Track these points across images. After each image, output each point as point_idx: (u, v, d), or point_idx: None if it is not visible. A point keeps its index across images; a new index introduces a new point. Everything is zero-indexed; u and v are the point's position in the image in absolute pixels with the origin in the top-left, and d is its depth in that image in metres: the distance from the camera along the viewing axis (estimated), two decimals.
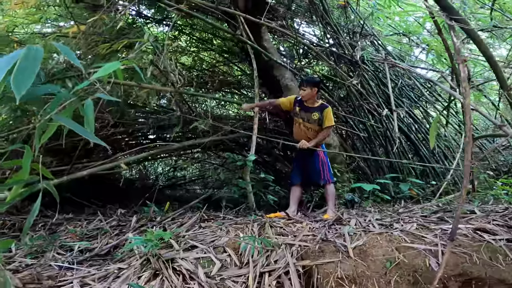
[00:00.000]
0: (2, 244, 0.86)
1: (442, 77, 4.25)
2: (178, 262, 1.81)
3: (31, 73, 0.72)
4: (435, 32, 2.63)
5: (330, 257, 1.79)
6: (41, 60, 0.83)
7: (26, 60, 0.79)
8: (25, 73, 0.72)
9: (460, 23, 0.97)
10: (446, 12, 1.03)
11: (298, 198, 3.13)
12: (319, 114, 3.04)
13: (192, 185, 7.52)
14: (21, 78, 0.71)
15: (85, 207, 3.91)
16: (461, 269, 1.70)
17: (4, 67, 0.75)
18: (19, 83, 0.69)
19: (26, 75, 0.71)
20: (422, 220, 2.34)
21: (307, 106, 3.11)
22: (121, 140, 4.64)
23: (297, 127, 3.15)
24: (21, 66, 0.76)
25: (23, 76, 0.72)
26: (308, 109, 3.10)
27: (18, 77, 0.71)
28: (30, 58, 0.80)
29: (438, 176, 4.56)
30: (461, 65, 1.18)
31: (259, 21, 3.74)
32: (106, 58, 3.53)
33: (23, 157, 0.91)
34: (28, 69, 0.76)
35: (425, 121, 5.13)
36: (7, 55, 0.84)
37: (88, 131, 0.86)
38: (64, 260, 2.02)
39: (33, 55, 0.81)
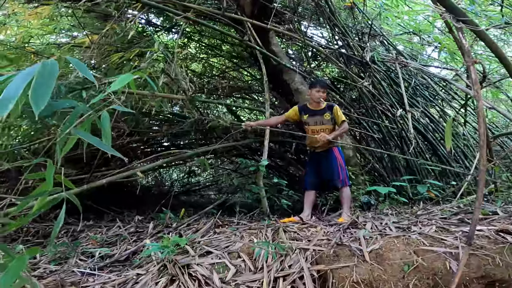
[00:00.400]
0: (28, 252, 0.91)
1: (457, 75, 4.13)
2: (193, 268, 1.84)
3: (48, 89, 0.77)
4: (447, 30, 2.58)
5: (345, 261, 1.77)
6: (56, 75, 0.88)
7: (42, 76, 0.83)
8: (42, 89, 0.77)
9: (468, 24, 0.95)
10: (452, 13, 1.01)
11: (312, 202, 3.10)
12: (329, 113, 3.08)
13: (207, 191, 7.59)
14: (39, 94, 0.76)
15: (104, 214, 4.04)
16: (483, 271, 1.65)
17: (21, 83, 0.80)
18: (37, 99, 0.74)
19: (43, 91, 0.76)
20: (441, 222, 2.27)
21: (314, 110, 3.13)
22: (136, 148, 4.77)
23: (310, 134, 3.14)
24: (37, 82, 0.80)
25: (40, 92, 0.76)
26: (316, 112, 3.11)
27: (36, 93, 0.75)
28: (45, 73, 0.85)
29: (458, 176, 4.41)
30: (471, 67, 1.15)
31: (266, 26, 3.78)
32: (119, 68, 3.66)
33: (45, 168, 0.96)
34: (44, 85, 0.80)
35: (442, 120, 4.98)
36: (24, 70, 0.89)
37: (105, 143, 0.90)
38: (86, 266, 2.10)
39: (49, 71, 0.86)
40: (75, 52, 4.28)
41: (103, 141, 0.93)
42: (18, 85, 0.75)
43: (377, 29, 4.64)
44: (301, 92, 3.98)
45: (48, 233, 3.05)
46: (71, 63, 0.92)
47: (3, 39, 4.11)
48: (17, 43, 3.86)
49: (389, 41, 4.74)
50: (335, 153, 3.07)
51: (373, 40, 4.63)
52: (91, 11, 4.07)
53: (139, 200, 5.05)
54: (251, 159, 5.03)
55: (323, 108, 3.11)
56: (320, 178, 3.13)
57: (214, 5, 4.92)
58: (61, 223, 0.97)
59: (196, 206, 4.92)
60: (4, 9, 3.63)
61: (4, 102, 0.70)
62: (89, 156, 3.78)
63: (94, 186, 2.72)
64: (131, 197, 5.12)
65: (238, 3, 4.16)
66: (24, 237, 2.90)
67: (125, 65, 3.69)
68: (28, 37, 4.10)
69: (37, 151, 3.77)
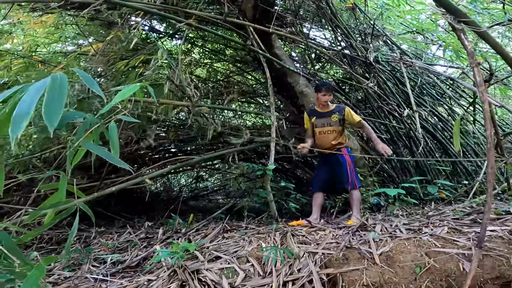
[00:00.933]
0: (45, 260, 0.94)
1: (463, 73, 4.07)
2: (203, 273, 1.85)
3: (60, 104, 0.79)
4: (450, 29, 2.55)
5: (355, 264, 1.75)
6: (67, 89, 0.91)
7: (53, 91, 0.86)
8: (54, 105, 0.79)
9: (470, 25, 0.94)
10: (453, 15, 1.00)
11: (320, 205, 3.09)
12: (338, 115, 3.08)
13: (215, 195, 7.62)
14: (52, 110, 0.77)
15: (115, 220, 4.09)
16: (498, 272, 1.62)
17: (33, 99, 0.82)
18: (50, 115, 0.76)
19: (55, 107, 0.78)
20: (453, 223, 2.23)
21: (321, 112, 3.15)
22: (144, 155, 4.82)
23: (317, 135, 3.15)
24: (49, 98, 0.83)
25: (53, 108, 0.78)
26: (323, 114, 3.13)
27: (49, 109, 0.78)
28: (56, 88, 0.87)
29: (470, 175, 4.33)
30: (475, 68, 1.13)
31: (269, 30, 3.80)
32: (125, 75, 3.72)
33: (57, 177, 0.99)
34: (56, 100, 0.83)
35: (451, 118, 4.91)
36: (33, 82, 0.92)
37: (113, 154, 0.92)
38: (99, 272, 2.13)
39: (59, 85, 0.88)
40: (81, 60, 4.36)
41: (112, 152, 0.95)
42: (29, 102, 0.78)
43: (379, 29, 4.61)
44: (306, 94, 3.98)
45: (61, 239, 3.11)
46: (79, 75, 0.95)
47: (10, 48, 4.20)
48: (24, 52, 3.94)
49: (392, 41, 4.70)
50: (345, 156, 3.04)
51: (376, 40, 4.61)
52: (95, 18, 4.14)
53: (148, 206, 5.11)
54: (258, 163, 5.04)
55: (331, 110, 3.13)
56: (329, 180, 3.11)
57: (216, 10, 4.97)
58: (75, 232, 0.99)
59: (204, 211, 4.94)
60: (10, 18, 3.71)
61: (17, 120, 0.73)
62: (99, 164, 3.84)
63: (105, 194, 2.76)
64: (140, 203, 5.18)
65: (240, 8, 4.20)
66: (38, 244, 2.97)
67: (131, 72, 3.75)
68: (34, 46, 4.16)
69: (48, 159, 3.85)
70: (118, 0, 3.12)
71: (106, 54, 3.91)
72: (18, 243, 0.90)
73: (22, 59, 3.86)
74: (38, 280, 0.77)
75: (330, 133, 3.07)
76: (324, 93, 3.09)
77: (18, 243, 0.90)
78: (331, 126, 3.08)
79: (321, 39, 5.51)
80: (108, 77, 3.91)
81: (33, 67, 3.94)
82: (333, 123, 3.08)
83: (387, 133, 4.55)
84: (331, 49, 4.56)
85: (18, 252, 0.82)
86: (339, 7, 4.99)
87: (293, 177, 5.83)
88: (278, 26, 4.35)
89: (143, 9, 3.34)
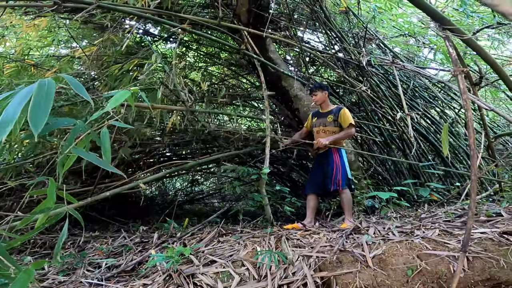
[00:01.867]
0: (34, 265, 0.93)
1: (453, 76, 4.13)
2: (198, 277, 1.86)
3: (46, 110, 0.79)
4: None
5: (348, 267, 1.76)
6: (53, 95, 0.90)
7: (39, 96, 0.85)
8: (40, 111, 0.79)
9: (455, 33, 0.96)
10: (438, 22, 1.02)
11: (314, 208, 3.10)
12: (333, 116, 3.11)
13: (210, 199, 7.59)
14: (37, 116, 0.78)
15: (109, 225, 4.06)
16: (488, 274, 1.64)
17: (19, 105, 0.82)
18: (35, 120, 0.76)
19: (41, 113, 0.78)
20: (445, 225, 2.26)
21: (321, 112, 3.22)
22: (139, 160, 4.80)
23: (315, 135, 3.20)
24: (35, 103, 0.82)
25: (38, 114, 0.78)
26: (322, 115, 3.19)
27: (34, 115, 0.78)
28: (42, 94, 0.87)
29: (462, 177, 4.39)
30: (459, 76, 1.16)
31: (263, 34, 3.83)
32: (119, 79, 3.71)
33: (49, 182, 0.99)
34: (42, 106, 0.83)
35: (443, 121, 4.98)
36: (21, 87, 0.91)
37: (105, 160, 0.92)
38: (94, 277, 2.12)
39: (46, 91, 0.88)
40: (75, 63, 4.32)
41: (103, 158, 0.95)
42: (15, 107, 0.78)
43: (372, 32, 4.68)
44: (300, 98, 4.01)
45: (54, 244, 3.06)
46: (68, 81, 0.95)
47: (3, 52, 4.15)
48: (16, 56, 3.90)
49: (385, 44, 4.77)
50: (334, 155, 3.04)
51: (369, 43, 4.67)
52: (88, 22, 4.12)
53: (143, 210, 5.08)
54: (253, 166, 5.05)
55: (330, 110, 3.18)
56: (321, 182, 3.11)
57: (211, 13, 4.99)
58: (64, 237, 0.99)
59: (200, 215, 4.92)
60: (2, 21, 3.67)
61: (2, 125, 0.73)
62: (91, 168, 3.82)
63: (99, 198, 2.74)
64: (135, 207, 5.15)
65: (234, 12, 4.22)
66: (32, 248, 2.94)
67: (125, 76, 3.74)
68: (27, 49, 4.11)
69: (41, 164, 3.81)
70: (111, 5, 3.11)
71: (100, 58, 3.90)
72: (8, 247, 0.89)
73: (15, 62, 3.82)
74: (26, 283, 0.77)
75: (324, 133, 3.10)
76: (311, 94, 3.23)
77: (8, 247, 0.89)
78: (326, 126, 3.12)
79: (315, 42, 5.57)
80: (102, 81, 3.90)
81: (25, 71, 3.90)
82: (328, 124, 3.11)
83: (381, 136, 4.59)
84: (325, 52, 4.61)
85: (7, 257, 0.82)
86: (333, 11, 5.05)
87: (288, 181, 5.85)
88: (272, 29, 4.39)
89: (136, 14, 3.34)
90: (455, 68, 1.18)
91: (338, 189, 2.94)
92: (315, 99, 3.19)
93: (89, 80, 4.12)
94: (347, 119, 3.04)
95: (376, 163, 4.68)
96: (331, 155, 3.06)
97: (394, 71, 3.42)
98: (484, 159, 3.81)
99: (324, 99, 3.18)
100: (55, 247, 0.99)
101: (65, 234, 1.08)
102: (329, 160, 3.05)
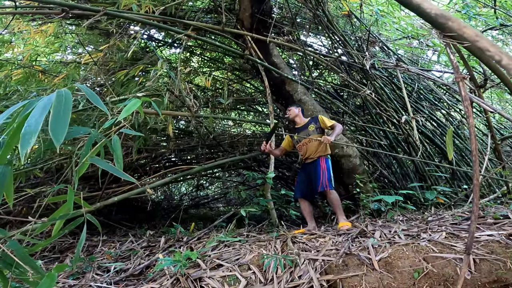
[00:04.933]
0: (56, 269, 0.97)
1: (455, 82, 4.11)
2: (205, 281, 1.88)
3: (65, 122, 0.83)
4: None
5: (354, 270, 1.77)
6: (71, 105, 0.95)
7: (58, 107, 0.90)
8: (60, 121, 0.83)
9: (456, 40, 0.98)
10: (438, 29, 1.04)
11: (311, 212, 3.17)
12: (313, 124, 3.23)
13: (215, 203, 7.62)
14: (57, 126, 0.82)
15: (116, 229, 4.11)
16: (495, 276, 1.64)
17: (40, 116, 0.86)
18: (56, 131, 0.80)
19: (61, 123, 0.82)
20: (451, 228, 2.26)
21: (300, 127, 3.30)
22: (145, 165, 4.86)
23: (302, 149, 3.25)
24: (55, 115, 0.87)
25: (58, 124, 0.82)
26: (302, 128, 3.28)
27: (54, 125, 0.82)
28: (61, 104, 0.91)
29: (470, 179, 4.35)
30: (460, 83, 1.17)
31: (266, 39, 3.87)
32: (125, 85, 3.77)
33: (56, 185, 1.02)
34: (61, 116, 0.87)
35: (449, 123, 4.96)
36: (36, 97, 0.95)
37: (117, 166, 0.96)
38: (103, 281, 2.15)
39: (64, 101, 0.93)
40: (81, 69, 4.39)
41: (116, 165, 0.99)
42: (37, 118, 0.82)
43: (375, 35, 4.70)
44: (305, 102, 4.03)
45: (64, 248, 3.13)
46: (84, 91, 0.99)
47: (11, 58, 4.22)
48: (25, 62, 3.98)
49: (388, 47, 4.78)
50: (321, 162, 3.12)
51: (373, 46, 4.68)
52: (94, 28, 4.20)
53: (149, 214, 5.12)
54: (258, 171, 5.07)
55: (306, 122, 3.29)
56: (308, 187, 3.20)
57: (214, 18, 5.05)
58: (83, 242, 1.02)
59: (205, 219, 4.95)
60: (10, 27, 3.74)
61: (25, 137, 0.77)
62: (100, 174, 3.87)
63: (107, 203, 2.79)
64: (141, 212, 5.20)
65: (237, 17, 4.27)
66: (41, 252, 2.99)
67: (131, 81, 3.80)
68: (35, 56, 4.18)
69: (49, 170, 3.88)
70: (118, 13, 3.18)
71: (106, 64, 3.97)
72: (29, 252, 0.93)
73: (23, 69, 3.90)
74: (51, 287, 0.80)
75: (312, 141, 3.17)
76: (287, 111, 3.41)
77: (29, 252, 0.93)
78: (310, 135, 3.19)
79: (318, 46, 5.60)
80: (109, 87, 3.97)
81: (33, 77, 3.97)
82: (312, 133, 3.20)
83: (386, 139, 4.59)
84: (328, 56, 4.63)
85: (30, 261, 0.86)
86: (335, 14, 5.08)
87: (293, 184, 5.85)
88: (275, 34, 4.43)
89: (142, 21, 3.41)
90: (457, 75, 1.19)
91: (325, 190, 3.01)
92: (289, 113, 3.34)
93: (96, 86, 4.19)
94: (328, 121, 3.20)
95: (382, 166, 4.67)
96: (318, 162, 3.13)
97: (398, 74, 3.43)
98: (491, 161, 3.78)
99: (296, 114, 3.33)
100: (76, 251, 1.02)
101: (84, 238, 1.12)
102: (316, 167, 3.12)
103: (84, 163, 1.00)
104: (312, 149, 3.16)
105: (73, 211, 1.00)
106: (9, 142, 0.92)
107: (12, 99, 3.40)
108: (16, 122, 0.95)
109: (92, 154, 0.98)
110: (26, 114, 0.86)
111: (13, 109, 1.04)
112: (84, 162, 0.97)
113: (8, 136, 0.90)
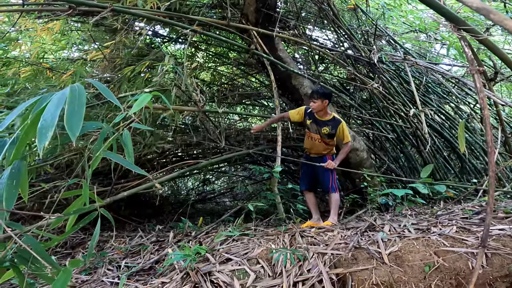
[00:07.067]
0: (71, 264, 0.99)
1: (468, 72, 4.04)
2: (215, 275, 1.90)
3: (80, 116, 0.84)
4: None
5: (364, 264, 1.77)
6: (85, 100, 0.96)
7: (73, 102, 0.91)
8: (75, 115, 0.85)
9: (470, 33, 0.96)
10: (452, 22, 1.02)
11: (316, 204, 3.19)
12: (330, 128, 2.98)
13: (222, 198, 7.66)
14: (73, 120, 0.83)
15: (125, 224, 4.16)
16: (507, 270, 1.62)
17: (55, 111, 0.88)
18: (72, 125, 0.81)
19: (76, 118, 0.83)
20: (462, 222, 2.24)
21: (318, 119, 3.03)
22: (153, 160, 4.89)
23: (307, 138, 3.16)
24: (70, 110, 0.88)
25: (74, 118, 0.84)
26: (319, 122, 3.02)
27: (70, 120, 0.83)
28: (75, 99, 0.93)
29: (479, 173, 4.30)
30: (475, 75, 1.15)
31: (272, 33, 3.83)
32: (131, 81, 3.79)
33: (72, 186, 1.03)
34: (76, 110, 0.88)
35: (458, 116, 4.88)
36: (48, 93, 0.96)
37: (128, 160, 0.97)
38: (114, 276, 2.19)
39: (77, 96, 0.94)
40: (88, 66, 4.42)
41: (127, 158, 1.00)
42: (52, 113, 0.83)
43: (382, 29, 4.62)
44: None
45: (75, 243, 3.19)
46: (98, 88, 1.00)
47: (18, 56, 4.25)
48: (32, 59, 4.01)
49: (395, 41, 4.70)
50: (328, 160, 3.07)
51: (379, 40, 4.61)
52: (99, 24, 4.20)
53: (157, 209, 5.18)
54: (264, 165, 5.07)
55: (327, 120, 3.02)
56: (313, 181, 3.19)
57: (218, 13, 5.02)
58: (97, 237, 1.04)
59: (212, 214, 4.98)
60: (17, 25, 3.76)
61: (42, 132, 0.78)
62: (107, 169, 3.92)
63: (117, 198, 2.82)
64: (149, 207, 5.26)
65: (242, 12, 4.24)
66: (53, 248, 3.04)
67: (137, 77, 3.81)
68: (42, 53, 4.18)
69: (59, 165, 3.93)
70: (124, 9, 3.18)
71: (112, 60, 3.99)
72: (46, 247, 0.95)
73: (30, 66, 3.94)
74: (66, 283, 0.82)
75: (319, 142, 3.06)
76: (311, 99, 3.00)
77: (46, 247, 0.95)
78: (320, 136, 3.05)
79: (324, 40, 5.53)
80: (116, 83, 3.99)
81: (41, 74, 4.00)
82: (322, 135, 3.02)
83: (393, 133, 4.55)
84: (334, 50, 4.58)
85: (47, 256, 0.87)
86: (341, 8, 5.00)
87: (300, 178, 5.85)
88: (281, 28, 4.38)
89: (148, 16, 3.41)
90: (472, 67, 1.17)
91: (334, 191, 3.06)
92: (313, 106, 2.95)
93: (103, 82, 4.22)
94: (346, 136, 3.00)
95: (390, 160, 4.63)
96: (325, 159, 3.10)
97: (405, 67, 3.38)
98: (501, 154, 3.72)
99: (321, 108, 2.95)
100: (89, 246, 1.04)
101: (98, 233, 1.13)
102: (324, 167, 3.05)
103: (97, 157, 1.01)
104: (320, 148, 3.11)
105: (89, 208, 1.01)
106: (24, 138, 0.93)
107: (21, 96, 3.44)
108: (30, 118, 0.97)
109: (104, 148, 0.99)
110: (40, 109, 0.87)
111: (25, 105, 1.05)
112: (98, 156, 0.98)
113: (23, 131, 0.91)
